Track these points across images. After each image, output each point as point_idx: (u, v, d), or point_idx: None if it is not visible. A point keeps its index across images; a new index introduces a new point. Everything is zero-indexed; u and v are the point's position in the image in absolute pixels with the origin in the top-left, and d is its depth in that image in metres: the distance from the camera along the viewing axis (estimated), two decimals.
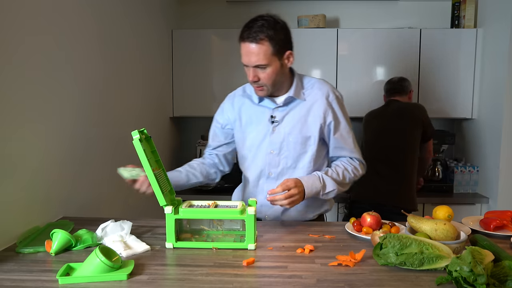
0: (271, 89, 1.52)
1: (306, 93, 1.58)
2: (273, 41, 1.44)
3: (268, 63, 1.45)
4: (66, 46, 1.62)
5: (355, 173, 1.61)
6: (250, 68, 1.47)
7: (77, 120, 1.71)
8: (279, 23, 1.49)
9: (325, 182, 1.51)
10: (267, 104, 1.59)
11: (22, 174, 1.36)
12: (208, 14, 3.31)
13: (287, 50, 1.50)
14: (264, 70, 1.46)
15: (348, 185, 1.61)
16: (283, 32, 1.48)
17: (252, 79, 1.48)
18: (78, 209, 1.70)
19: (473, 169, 2.97)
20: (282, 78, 1.53)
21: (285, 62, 1.51)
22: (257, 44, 1.43)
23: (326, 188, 1.51)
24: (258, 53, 1.43)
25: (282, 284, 1.02)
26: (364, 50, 3.00)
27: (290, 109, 1.57)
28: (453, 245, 1.12)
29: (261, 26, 1.44)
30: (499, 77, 2.70)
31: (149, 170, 1.24)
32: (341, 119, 1.59)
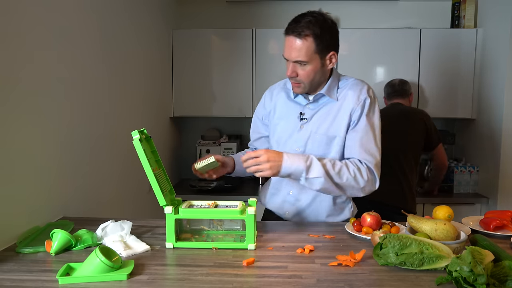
0: (308, 87, 1.49)
1: (340, 93, 1.53)
2: (318, 39, 1.41)
3: (308, 60, 1.42)
4: (66, 46, 1.62)
5: (356, 175, 1.42)
6: (290, 62, 1.45)
7: (77, 120, 1.71)
8: (328, 22, 1.46)
9: (311, 164, 1.37)
10: (299, 100, 1.57)
11: (22, 174, 1.35)
12: (208, 14, 3.31)
13: (331, 50, 1.47)
14: (304, 67, 1.44)
15: (345, 186, 1.42)
16: (330, 31, 1.45)
17: (290, 74, 1.46)
18: (78, 209, 1.70)
19: (473, 169, 2.97)
20: (321, 79, 1.50)
21: (327, 62, 1.47)
22: (301, 40, 1.41)
23: (310, 172, 1.36)
24: (300, 49, 1.41)
25: (282, 284, 1.02)
26: (364, 50, 3.00)
27: (320, 108, 1.54)
28: (453, 245, 1.12)
29: (308, 22, 1.41)
30: (499, 77, 2.70)
31: (149, 170, 1.24)
32: (363, 118, 1.48)
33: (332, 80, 1.54)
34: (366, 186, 1.44)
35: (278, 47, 3.02)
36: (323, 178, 1.37)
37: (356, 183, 1.42)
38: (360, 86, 1.53)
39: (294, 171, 1.36)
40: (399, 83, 2.65)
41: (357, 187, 1.43)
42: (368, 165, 1.45)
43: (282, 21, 3.46)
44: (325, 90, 1.52)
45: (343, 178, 1.41)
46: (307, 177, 1.37)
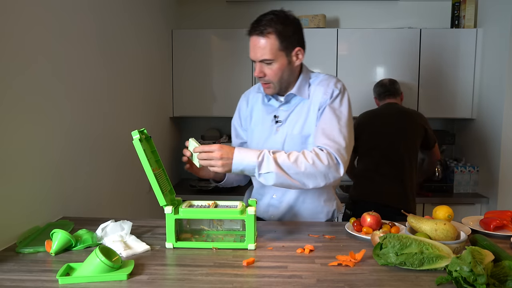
0: (278, 86, 1.47)
1: (310, 90, 1.51)
2: (281, 36, 1.39)
3: (274, 58, 1.41)
4: (66, 46, 1.62)
5: (314, 161, 1.32)
6: (257, 63, 1.43)
7: (77, 120, 1.71)
8: (290, 19, 1.44)
9: (263, 160, 1.31)
10: (273, 103, 1.56)
11: (22, 174, 1.36)
12: (208, 14, 3.31)
13: (296, 46, 1.45)
14: (270, 65, 1.42)
15: (306, 176, 1.33)
16: (293, 27, 1.43)
17: (258, 75, 1.44)
18: (78, 209, 1.70)
19: (473, 169, 2.97)
20: (290, 77, 1.48)
21: (294, 59, 1.46)
22: (264, 38, 1.39)
23: (262, 167, 1.30)
24: (264, 47, 1.39)
25: (282, 284, 1.02)
26: (364, 50, 3.00)
27: (294, 108, 1.52)
28: (453, 245, 1.12)
29: (270, 20, 1.40)
30: (499, 77, 2.70)
31: (149, 170, 1.24)
32: (327, 109, 1.45)
33: (302, 78, 1.52)
34: (328, 173, 1.35)
35: None
36: (274, 173, 1.30)
37: (316, 169, 1.33)
38: (327, 81, 1.51)
39: (246, 167, 1.31)
40: (390, 82, 2.62)
41: (318, 174, 1.33)
42: (328, 150, 1.37)
43: None
44: (295, 90, 1.50)
45: (301, 167, 1.32)
46: (260, 172, 1.31)
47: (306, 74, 1.54)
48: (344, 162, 1.38)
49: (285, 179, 1.32)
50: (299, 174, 1.32)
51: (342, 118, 1.45)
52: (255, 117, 1.61)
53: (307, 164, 1.32)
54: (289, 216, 1.60)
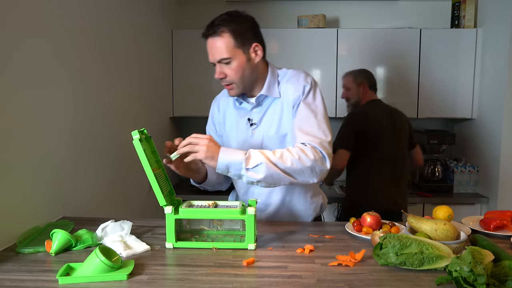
0: (241, 86, 1.44)
1: (280, 88, 1.48)
2: (235, 33, 1.38)
3: (231, 56, 1.39)
4: (65, 46, 1.62)
5: (300, 156, 1.31)
6: (216, 65, 1.42)
7: (77, 120, 1.71)
8: (243, 16, 1.43)
9: (250, 155, 1.29)
10: (245, 106, 1.53)
11: (22, 174, 1.35)
12: (208, 14, 3.27)
13: (253, 42, 1.42)
14: (229, 65, 1.40)
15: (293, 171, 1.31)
16: (246, 24, 1.42)
17: (218, 76, 1.42)
18: (78, 209, 1.70)
19: (473, 169, 2.97)
20: (253, 74, 1.45)
21: (252, 56, 1.43)
22: (218, 37, 1.38)
23: (250, 162, 1.28)
24: (220, 47, 1.38)
25: (282, 284, 1.02)
26: (364, 50, 3.00)
27: (267, 109, 1.49)
28: (453, 245, 1.12)
29: (223, 20, 1.39)
30: (499, 77, 2.70)
31: (149, 170, 1.24)
32: (301, 105, 1.43)
33: (270, 77, 1.49)
34: (315, 166, 1.33)
35: (278, 47, 3.02)
36: (264, 164, 1.27)
37: (303, 164, 1.31)
38: (297, 77, 1.48)
39: (232, 161, 1.28)
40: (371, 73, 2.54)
41: (305, 168, 1.32)
42: (311, 144, 1.35)
43: (282, 21, 3.48)
44: (265, 90, 1.47)
45: (287, 162, 1.30)
46: (248, 167, 1.28)
47: (274, 73, 1.51)
48: (329, 155, 1.36)
49: (275, 171, 1.29)
50: (287, 169, 1.30)
51: (318, 113, 1.43)
52: (228, 122, 1.58)
53: (293, 159, 1.30)
54: (279, 217, 1.59)
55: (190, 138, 1.29)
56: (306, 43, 2.99)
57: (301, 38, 2.99)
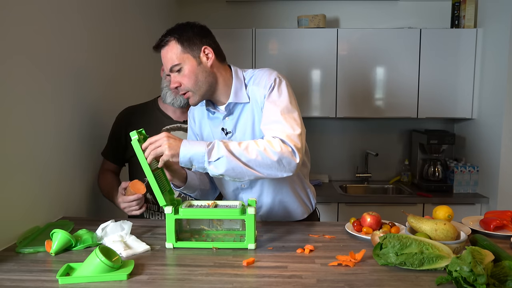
0: (198, 92, 1.41)
1: (249, 91, 1.45)
2: (180, 39, 1.38)
3: (180, 62, 1.38)
4: (65, 46, 1.61)
5: (266, 148, 1.26)
6: (171, 75, 1.41)
7: (77, 120, 1.71)
8: (189, 24, 1.44)
9: (213, 147, 1.25)
10: (217, 115, 1.49)
11: (22, 174, 1.35)
12: (208, 14, 3.31)
13: (202, 46, 1.40)
14: (181, 72, 1.39)
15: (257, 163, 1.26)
16: (192, 29, 1.41)
17: (173, 86, 1.41)
18: (78, 209, 1.70)
19: (473, 169, 2.97)
20: (208, 79, 1.41)
21: (204, 59, 1.40)
22: (166, 47, 1.41)
23: (212, 155, 1.24)
24: (169, 55, 1.39)
25: (282, 284, 1.02)
26: (364, 50, 3.00)
27: (239, 116, 1.46)
28: (453, 245, 1.12)
29: (169, 31, 1.42)
30: (499, 77, 2.70)
31: (148, 170, 1.24)
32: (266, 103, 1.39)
33: (236, 82, 1.46)
34: (282, 159, 1.27)
35: (278, 47, 3.02)
36: (225, 157, 1.24)
37: (268, 156, 1.26)
38: (261, 76, 1.44)
39: (194, 154, 1.25)
40: None
41: (270, 161, 1.26)
42: (280, 137, 1.30)
43: (282, 21, 3.48)
44: (232, 98, 1.44)
45: (252, 153, 1.26)
46: (210, 160, 1.25)
47: (238, 77, 1.47)
48: (298, 149, 1.30)
49: (237, 165, 1.25)
50: (251, 162, 1.26)
51: (283, 107, 1.37)
52: (205, 133, 1.55)
53: (258, 150, 1.26)
54: (273, 216, 1.59)
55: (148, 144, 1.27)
56: (306, 43, 2.99)
57: (301, 38, 2.99)
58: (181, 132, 1.75)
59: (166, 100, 1.72)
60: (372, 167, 3.37)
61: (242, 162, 1.26)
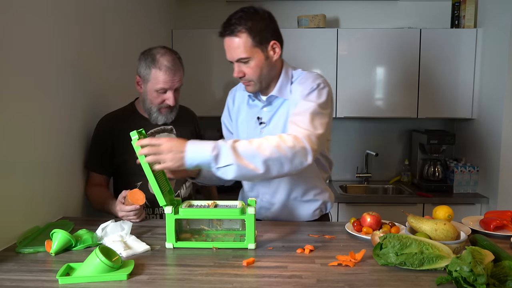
0: (259, 84, 1.44)
1: (292, 89, 1.46)
2: (252, 32, 1.36)
3: (249, 56, 1.38)
4: (65, 46, 1.61)
5: (279, 144, 1.23)
6: (235, 63, 1.41)
7: (76, 119, 1.71)
8: (259, 13, 1.40)
9: (220, 152, 1.19)
10: (256, 103, 1.53)
11: (22, 174, 1.35)
12: (208, 14, 3.31)
13: (271, 40, 1.41)
14: (248, 64, 1.39)
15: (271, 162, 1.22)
16: (264, 21, 1.39)
17: (237, 75, 1.42)
18: (78, 209, 1.70)
19: (473, 169, 2.97)
20: (271, 72, 1.44)
21: (271, 54, 1.42)
22: (236, 37, 1.37)
23: (219, 160, 1.19)
24: (238, 47, 1.37)
25: (282, 284, 1.02)
26: (364, 50, 3.00)
27: (277, 109, 1.48)
28: (453, 245, 1.12)
29: (239, 18, 1.38)
30: (499, 77, 2.70)
31: (148, 170, 1.24)
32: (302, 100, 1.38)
33: (283, 77, 1.47)
34: (294, 158, 1.23)
35: None
36: (234, 165, 1.19)
37: (281, 153, 1.22)
38: (307, 78, 1.44)
39: (201, 162, 1.20)
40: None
41: (283, 158, 1.22)
42: (295, 134, 1.27)
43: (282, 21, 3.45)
44: (276, 91, 1.46)
45: (265, 152, 1.21)
46: (217, 167, 1.20)
47: (287, 73, 1.49)
48: (313, 149, 1.26)
49: (248, 171, 1.20)
50: (263, 161, 1.21)
51: (316, 108, 1.35)
52: (241, 116, 1.58)
53: (272, 147, 1.22)
54: (284, 215, 1.59)
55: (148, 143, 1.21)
56: (306, 43, 2.99)
57: (301, 38, 2.99)
58: (165, 134, 1.75)
59: (158, 122, 1.72)
60: (372, 167, 3.37)
61: (253, 165, 1.21)
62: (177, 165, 1.20)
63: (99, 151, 1.73)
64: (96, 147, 1.74)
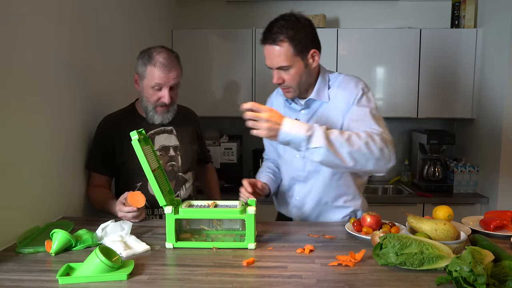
0: (298, 90, 1.48)
1: (331, 92, 1.51)
2: (294, 41, 1.40)
3: (290, 64, 1.42)
4: (65, 46, 1.62)
5: (368, 141, 1.28)
6: (274, 70, 1.45)
7: (77, 120, 1.71)
8: (301, 22, 1.45)
9: (313, 134, 1.26)
10: (294, 106, 1.57)
11: (22, 174, 1.35)
12: (208, 14, 3.31)
13: (311, 49, 1.45)
14: (288, 71, 1.43)
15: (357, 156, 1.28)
16: (305, 30, 1.43)
17: (277, 81, 1.46)
18: (78, 209, 1.70)
19: (473, 169, 2.97)
20: (309, 78, 1.49)
21: (310, 62, 1.46)
22: (277, 46, 1.40)
23: (312, 141, 1.25)
24: (279, 55, 1.40)
25: (282, 284, 1.02)
26: (364, 50, 3.00)
27: (314, 112, 1.53)
28: (453, 245, 1.12)
29: (281, 27, 1.41)
30: (499, 77, 2.70)
31: (148, 170, 1.24)
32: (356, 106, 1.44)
33: (320, 81, 1.52)
34: (380, 159, 1.29)
35: None
36: (324, 148, 1.25)
37: (369, 151, 1.28)
38: (348, 82, 1.50)
39: (293, 138, 1.26)
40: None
41: (370, 156, 1.28)
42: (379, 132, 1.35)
43: None
44: (314, 95, 1.51)
45: (354, 145, 1.27)
46: (308, 147, 1.26)
47: (324, 76, 1.54)
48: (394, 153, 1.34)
49: (334, 158, 1.26)
50: (349, 153, 1.27)
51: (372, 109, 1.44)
52: None
53: (360, 143, 1.28)
54: (314, 216, 1.62)
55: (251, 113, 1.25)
56: None
57: None
58: (165, 135, 1.76)
59: (155, 122, 1.73)
60: None
61: (340, 154, 1.26)
62: (270, 135, 1.26)
63: (99, 152, 1.74)
64: (96, 147, 1.75)
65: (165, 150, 1.75)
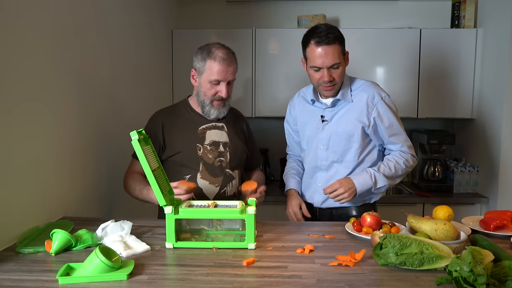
0: (339, 87, 1.73)
1: (353, 94, 1.76)
2: (341, 41, 1.67)
3: (340, 62, 1.66)
4: (65, 46, 1.61)
5: (406, 165, 1.74)
6: (325, 69, 1.64)
7: (76, 120, 1.71)
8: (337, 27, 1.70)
9: (376, 179, 1.69)
10: (319, 105, 1.81)
11: (22, 174, 1.35)
12: (208, 14, 3.31)
13: (346, 50, 1.72)
14: (337, 69, 1.67)
15: (400, 177, 1.76)
16: (341, 33, 1.70)
17: (329, 79, 1.66)
18: (78, 209, 1.70)
19: (473, 169, 2.97)
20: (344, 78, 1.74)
21: (346, 61, 1.73)
22: (332, 45, 1.63)
23: (378, 184, 1.69)
24: (334, 54, 1.63)
25: (282, 284, 1.02)
26: (364, 50, 3.00)
27: (339, 110, 1.77)
28: (453, 245, 1.12)
29: (331, 29, 1.65)
30: (499, 77, 2.70)
31: (148, 170, 1.24)
32: (385, 115, 1.74)
33: (345, 84, 1.76)
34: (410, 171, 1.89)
35: (278, 47, 3.02)
36: (387, 185, 1.73)
37: (407, 170, 1.77)
38: (371, 89, 1.76)
39: (365, 188, 1.69)
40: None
41: (406, 173, 1.78)
42: (409, 152, 1.78)
43: (282, 21, 3.47)
44: (340, 96, 1.75)
45: (399, 172, 1.74)
46: (376, 188, 1.71)
47: (347, 80, 1.79)
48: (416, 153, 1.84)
49: (391, 185, 1.76)
50: (397, 177, 1.76)
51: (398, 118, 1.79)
52: (303, 118, 1.86)
53: (402, 168, 1.75)
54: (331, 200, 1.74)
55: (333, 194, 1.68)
56: None
57: (301, 38, 2.98)
58: (216, 130, 1.79)
59: (211, 116, 1.76)
60: None
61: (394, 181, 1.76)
62: (352, 196, 1.68)
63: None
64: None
65: (215, 145, 1.76)
